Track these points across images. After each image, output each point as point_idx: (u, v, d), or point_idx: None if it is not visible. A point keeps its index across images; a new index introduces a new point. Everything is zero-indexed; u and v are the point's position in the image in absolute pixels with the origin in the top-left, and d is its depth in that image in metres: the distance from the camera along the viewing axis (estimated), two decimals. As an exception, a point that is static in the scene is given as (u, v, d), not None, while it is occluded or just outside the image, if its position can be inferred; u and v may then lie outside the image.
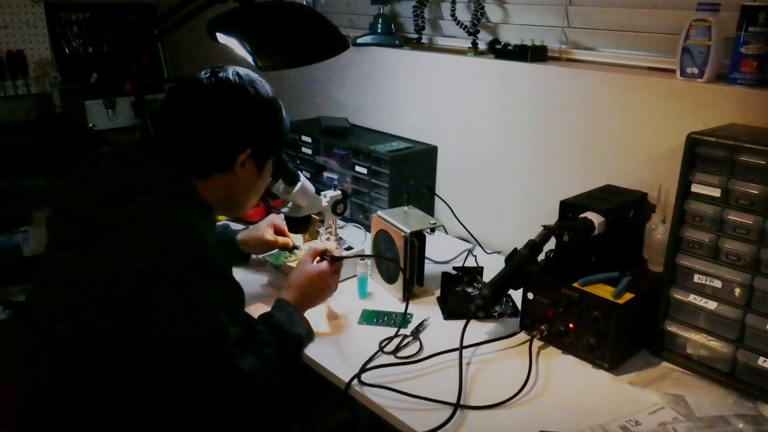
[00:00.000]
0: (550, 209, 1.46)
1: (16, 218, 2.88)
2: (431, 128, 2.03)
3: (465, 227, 1.86)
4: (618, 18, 1.66)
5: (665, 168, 1.46)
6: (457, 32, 1.97)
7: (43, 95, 3.06)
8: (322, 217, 1.69)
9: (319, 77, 2.39)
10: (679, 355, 1.29)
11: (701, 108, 1.40)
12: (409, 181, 1.84)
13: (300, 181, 1.57)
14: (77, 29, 3.16)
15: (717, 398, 1.20)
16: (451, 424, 1.11)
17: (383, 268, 1.60)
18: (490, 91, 1.83)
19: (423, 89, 2.03)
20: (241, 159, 1.22)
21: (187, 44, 3.20)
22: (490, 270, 1.43)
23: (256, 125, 1.24)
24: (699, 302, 1.24)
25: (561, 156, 1.69)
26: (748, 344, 1.19)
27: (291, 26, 1.42)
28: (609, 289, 1.29)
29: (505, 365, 1.29)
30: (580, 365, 1.31)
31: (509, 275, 1.34)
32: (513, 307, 1.48)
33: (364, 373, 1.24)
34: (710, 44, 1.38)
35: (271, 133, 1.28)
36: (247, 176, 1.25)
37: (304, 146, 2.19)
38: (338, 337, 1.39)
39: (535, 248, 1.34)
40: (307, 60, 1.51)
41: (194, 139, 1.19)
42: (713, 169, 1.19)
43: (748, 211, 1.16)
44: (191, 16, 1.50)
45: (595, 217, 1.34)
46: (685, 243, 1.25)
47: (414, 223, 1.54)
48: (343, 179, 2.08)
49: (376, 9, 2.15)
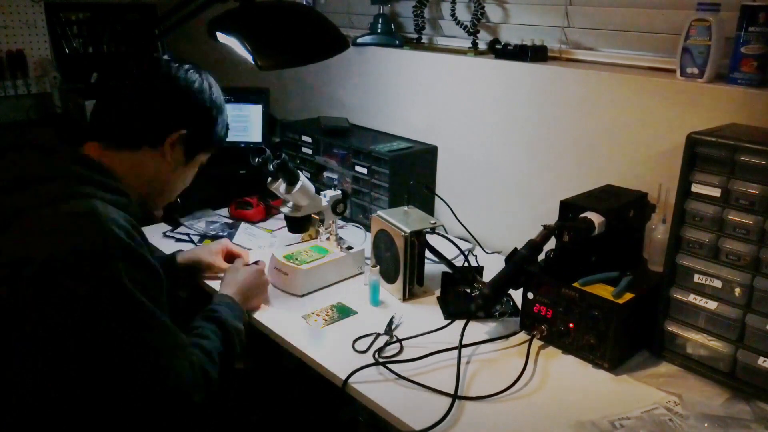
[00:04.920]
0: (550, 209, 1.46)
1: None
2: (431, 128, 2.03)
3: (465, 227, 1.86)
4: (618, 18, 1.66)
5: (665, 168, 1.46)
6: (457, 32, 1.97)
7: (43, 95, 3.06)
8: (322, 216, 1.70)
9: (319, 77, 2.39)
10: (679, 355, 1.29)
11: (701, 108, 1.40)
12: (409, 181, 1.84)
13: (300, 181, 1.57)
14: (77, 29, 3.16)
15: (716, 398, 1.20)
16: (448, 422, 1.11)
17: (383, 268, 1.60)
18: (490, 91, 1.83)
19: (423, 89, 2.03)
20: (173, 137, 1.23)
21: (187, 44, 3.20)
22: (490, 270, 1.43)
23: (195, 112, 1.27)
24: (699, 302, 1.24)
25: (561, 156, 1.69)
26: (748, 344, 1.19)
27: (291, 26, 1.43)
28: (609, 289, 1.29)
29: (505, 365, 1.29)
30: (580, 365, 1.31)
31: (509, 275, 1.34)
32: (513, 307, 1.48)
33: (362, 372, 1.25)
34: (710, 44, 1.38)
35: (205, 125, 1.30)
36: (174, 160, 1.27)
37: (304, 146, 2.19)
38: (338, 336, 1.40)
39: (535, 248, 1.34)
40: (307, 60, 1.51)
41: (133, 104, 1.22)
42: (713, 169, 1.19)
43: (748, 211, 1.16)
44: (191, 16, 1.50)
45: (595, 217, 1.34)
46: (685, 243, 1.25)
47: (414, 223, 1.54)
48: (343, 179, 2.08)
49: (376, 9, 2.15)
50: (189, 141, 1.27)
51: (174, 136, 1.24)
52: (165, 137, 1.23)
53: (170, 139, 1.23)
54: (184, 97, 1.25)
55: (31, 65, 3.00)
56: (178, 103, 1.25)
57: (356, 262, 1.68)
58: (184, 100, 1.25)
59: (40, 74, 3.02)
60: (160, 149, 1.24)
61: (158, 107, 1.23)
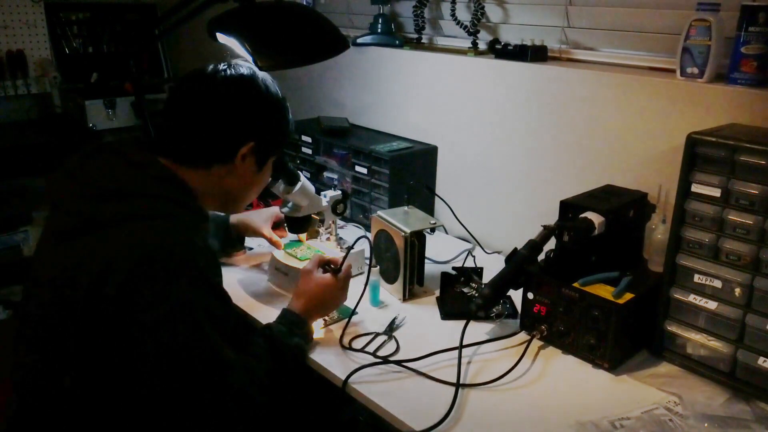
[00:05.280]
0: (550, 209, 1.46)
1: (16, 218, 2.87)
2: (431, 128, 2.03)
3: (465, 227, 1.86)
4: (618, 18, 1.66)
5: (665, 168, 1.46)
6: (457, 32, 1.97)
7: (43, 95, 3.06)
8: (322, 216, 1.70)
9: (319, 77, 2.39)
10: (679, 355, 1.29)
11: (701, 108, 1.40)
12: (409, 181, 1.84)
13: (300, 181, 1.57)
14: (77, 29, 3.16)
15: (717, 398, 1.20)
16: (448, 422, 1.11)
17: (383, 268, 1.60)
18: (490, 91, 1.83)
19: (423, 89, 2.03)
20: (243, 151, 1.21)
21: (187, 44, 3.20)
22: (490, 270, 1.43)
23: (263, 119, 1.24)
24: (699, 302, 1.24)
25: (561, 156, 1.70)
26: (748, 344, 1.19)
27: (291, 26, 1.43)
28: (609, 289, 1.29)
29: (507, 364, 1.29)
30: (580, 365, 1.31)
31: (509, 275, 1.34)
32: (512, 308, 1.48)
33: (362, 372, 1.25)
34: (710, 44, 1.38)
35: (275, 130, 1.28)
36: (247, 171, 1.25)
37: (304, 146, 2.19)
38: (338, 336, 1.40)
39: (535, 248, 1.34)
40: (307, 60, 1.51)
41: (200, 125, 1.19)
42: (713, 169, 1.19)
43: (748, 211, 1.16)
44: (191, 16, 1.50)
45: (595, 217, 1.34)
46: (685, 243, 1.25)
47: (414, 223, 1.54)
48: (343, 179, 2.08)
49: (376, 9, 2.15)
50: (260, 149, 1.24)
51: (244, 150, 1.21)
52: (236, 152, 1.21)
53: (241, 153, 1.21)
54: (249, 107, 1.21)
55: (31, 65, 3.00)
56: (244, 116, 1.21)
57: (356, 262, 1.67)
58: (249, 110, 1.21)
59: (40, 74, 3.02)
60: (232, 164, 1.22)
61: (225, 125, 1.20)
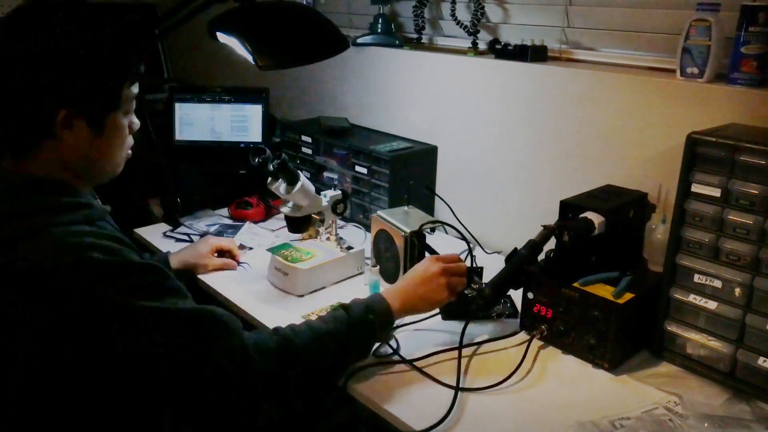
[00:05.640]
0: (550, 209, 1.46)
1: None
2: (431, 128, 2.03)
3: (465, 227, 1.86)
4: (618, 18, 1.66)
5: (665, 168, 1.46)
6: (457, 32, 1.97)
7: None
8: (322, 216, 1.70)
9: (319, 77, 2.39)
10: (679, 355, 1.29)
11: (701, 108, 1.40)
12: (409, 181, 1.84)
13: (300, 180, 1.57)
14: (77, 29, 3.16)
15: (716, 398, 1.20)
16: (448, 422, 1.11)
17: (383, 267, 1.60)
18: (490, 91, 1.83)
19: (423, 89, 2.03)
20: (59, 121, 0.99)
21: (187, 44, 3.20)
22: (490, 270, 1.44)
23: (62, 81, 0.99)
24: (699, 302, 1.24)
25: (561, 156, 1.69)
26: (748, 344, 1.19)
27: (291, 26, 1.42)
28: (609, 289, 1.29)
29: (507, 364, 1.29)
30: (580, 365, 1.31)
31: (509, 275, 1.34)
32: (512, 308, 1.48)
33: (362, 372, 1.25)
34: (710, 44, 1.38)
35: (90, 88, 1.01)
36: (82, 138, 1.03)
37: (304, 146, 2.19)
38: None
39: (535, 248, 1.34)
40: (307, 60, 1.51)
41: None
42: (713, 169, 1.19)
43: (748, 211, 1.16)
44: (191, 16, 1.50)
45: (595, 217, 1.34)
46: (685, 243, 1.25)
47: (414, 223, 1.54)
48: (343, 179, 2.08)
49: (376, 9, 2.15)
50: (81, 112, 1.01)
51: (60, 119, 0.99)
52: (52, 124, 0.99)
53: (57, 124, 0.99)
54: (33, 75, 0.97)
55: (31, 65, 2.99)
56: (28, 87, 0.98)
57: (356, 262, 1.68)
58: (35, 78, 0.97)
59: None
60: (60, 138, 1.01)
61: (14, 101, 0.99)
